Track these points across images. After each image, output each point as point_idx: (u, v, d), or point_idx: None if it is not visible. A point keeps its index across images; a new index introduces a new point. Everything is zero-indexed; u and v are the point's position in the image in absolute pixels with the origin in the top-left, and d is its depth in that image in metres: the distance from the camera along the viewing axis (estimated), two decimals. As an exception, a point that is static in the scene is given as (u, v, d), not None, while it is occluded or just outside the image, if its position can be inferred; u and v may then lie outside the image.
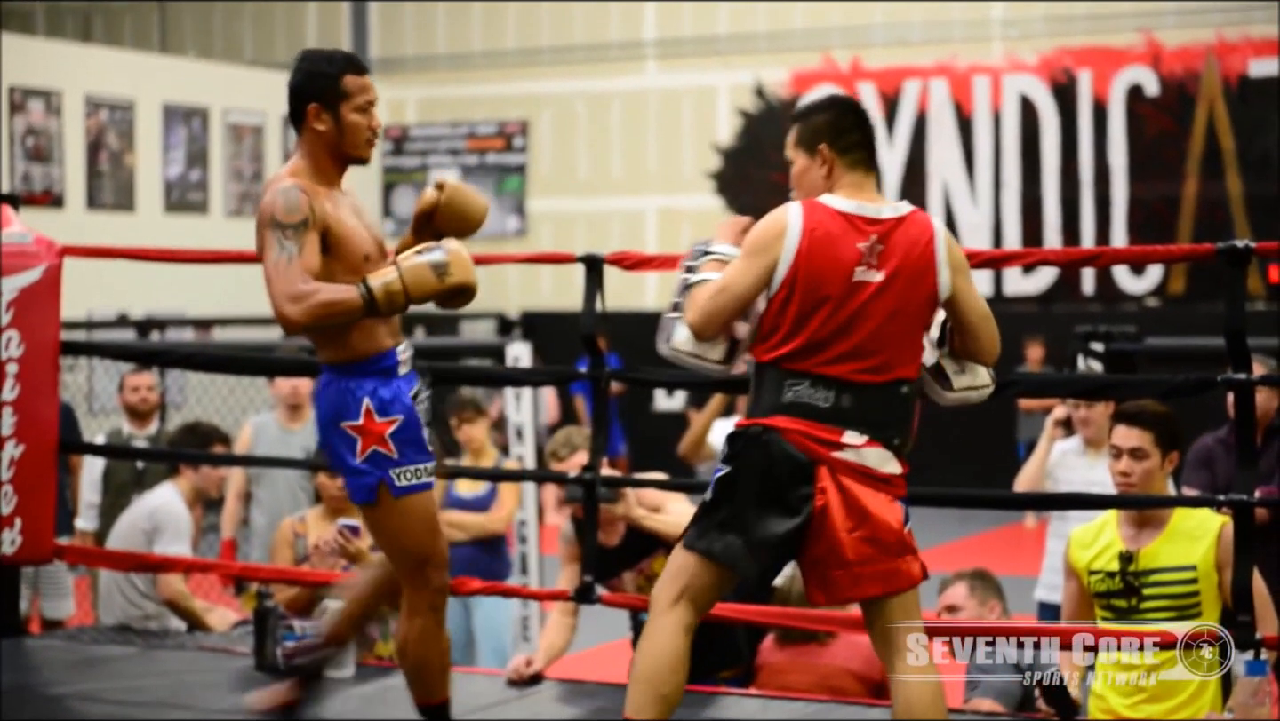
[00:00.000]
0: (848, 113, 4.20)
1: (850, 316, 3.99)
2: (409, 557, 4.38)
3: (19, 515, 5.84)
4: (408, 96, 20.30)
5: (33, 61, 16.27)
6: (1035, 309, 17.41)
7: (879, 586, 4.02)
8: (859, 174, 4.14)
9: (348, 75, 4.31)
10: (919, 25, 18.19)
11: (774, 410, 4.00)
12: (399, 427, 4.29)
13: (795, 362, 4.00)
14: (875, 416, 4.03)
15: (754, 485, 3.99)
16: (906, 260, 4.04)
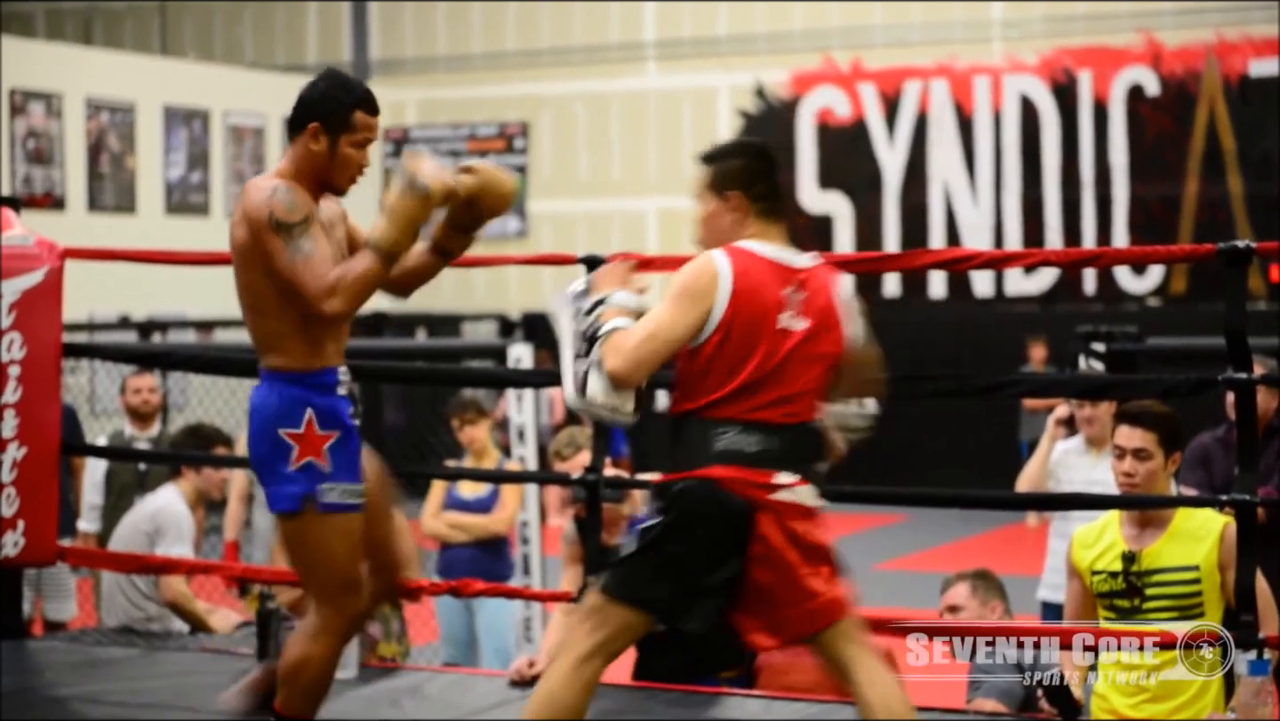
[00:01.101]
0: (759, 160, 4.17)
1: (779, 363, 3.99)
2: (328, 579, 4.29)
3: (21, 517, 5.84)
4: (408, 98, 20.31)
5: (33, 64, 16.28)
6: (1036, 309, 17.42)
7: (827, 618, 4.04)
8: (768, 221, 4.12)
9: (359, 111, 4.29)
10: (919, 26, 18.19)
11: (706, 460, 3.98)
12: (336, 442, 4.25)
13: (721, 410, 3.99)
14: (800, 455, 4.05)
15: (693, 536, 3.97)
16: (823, 309, 4.07)
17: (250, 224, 4.18)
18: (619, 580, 4.03)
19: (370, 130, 4.30)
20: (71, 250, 6.02)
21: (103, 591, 7.27)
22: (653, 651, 5.91)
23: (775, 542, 3.98)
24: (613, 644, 4.03)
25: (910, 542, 14.41)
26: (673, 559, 3.98)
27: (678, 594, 3.99)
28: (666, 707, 5.18)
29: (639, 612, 4.02)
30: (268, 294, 4.23)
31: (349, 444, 4.27)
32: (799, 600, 4.01)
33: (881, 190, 18.18)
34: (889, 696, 4.03)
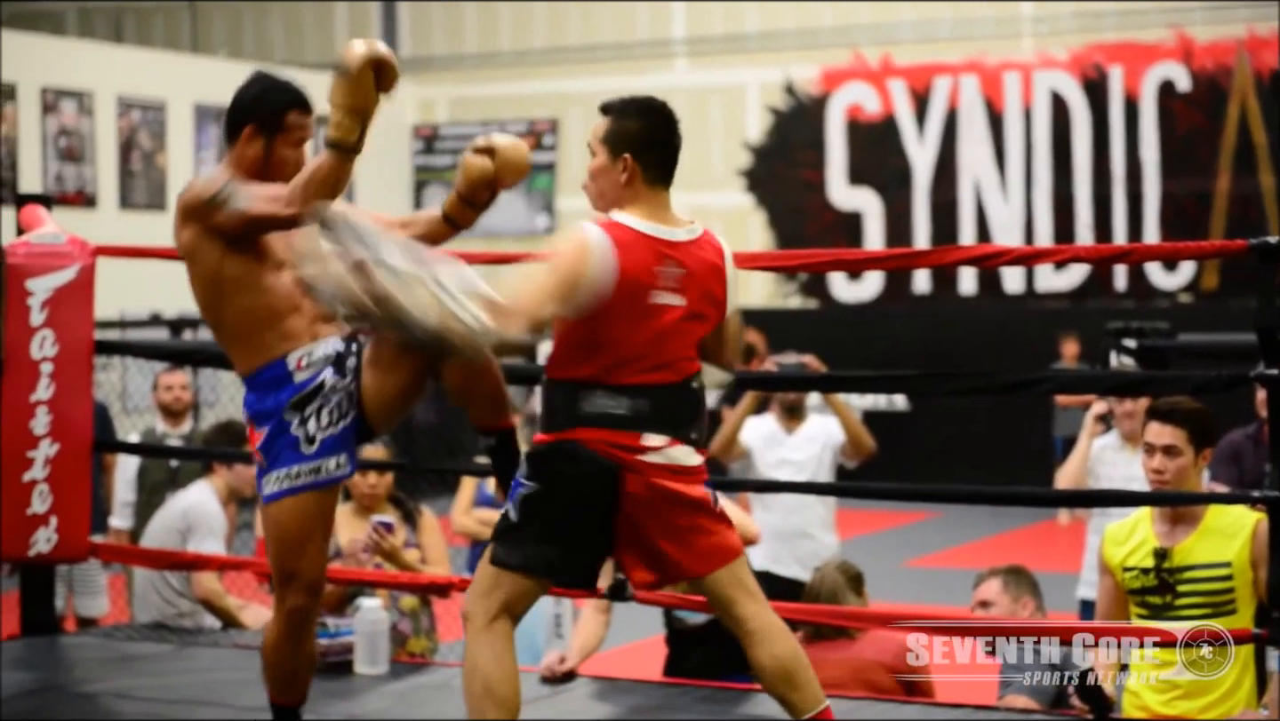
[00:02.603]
0: (660, 127, 4.12)
1: (652, 338, 4.01)
2: (272, 565, 4.38)
3: (55, 513, 5.87)
4: (437, 95, 20.34)
5: (65, 62, 16.34)
6: (1067, 305, 17.38)
7: (703, 565, 4.07)
8: (657, 190, 4.10)
9: (293, 111, 4.33)
10: (948, 22, 18.15)
11: (572, 423, 4.01)
12: (265, 441, 4.31)
13: (583, 372, 4.01)
14: (672, 416, 4.05)
15: (563, 497, 4.01)
16: (702, 283, 4.07)
17: (188, 219, 4.28)
18: (501, 547, 4.07)
19: (304, 130, 4.34)
20: (103, 248, 6.04)
21: (135, 587, 7.30)
22: (684, 648, 5.94)
23: (643, 500, 4.01)
24: (513, 607, 4.07)
25: (941, 539, 14.39)
26: (546, 522, 4.02)
27: (557, 554, 4.03)
28: (697, 704, 5.19)
29: (527, 576, 4.04)
30: (214, 301, 4.33)
31: (280, 430, 4.29)
32: (662, 552, 4.05)
33: (911, 186, 18.15)
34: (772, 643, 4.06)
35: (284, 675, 4.49)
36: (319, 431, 4.31)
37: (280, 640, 4.43)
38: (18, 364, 5.82)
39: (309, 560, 4.34)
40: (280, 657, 4.46)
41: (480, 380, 4.32)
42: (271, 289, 4.31)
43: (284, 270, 4.32)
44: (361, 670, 5.56)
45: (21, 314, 5.82)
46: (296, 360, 4.32)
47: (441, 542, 6.40)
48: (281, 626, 4.41)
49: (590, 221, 4.04)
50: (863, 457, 7.41)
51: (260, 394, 4.33)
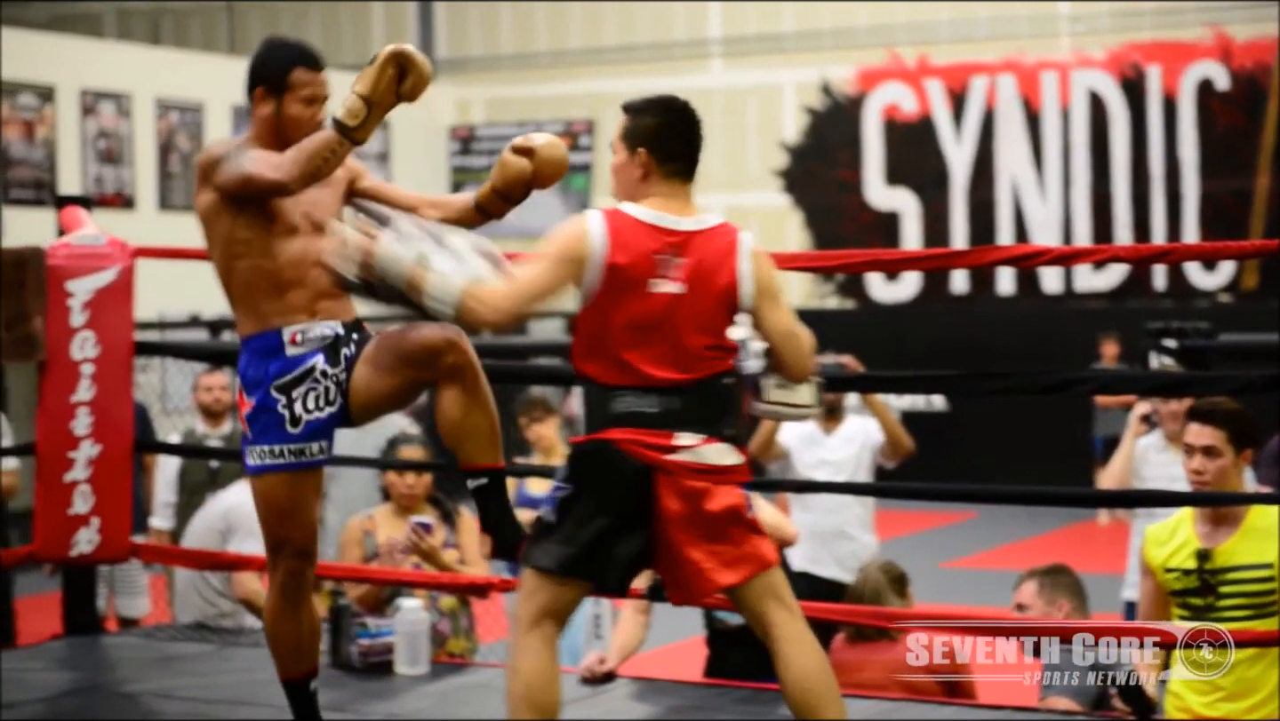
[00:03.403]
0: (676, 122, 4.18)
1: (650, 327, 4.00)
2: (264, 534, 4.47)
3: (96, 514, 5.90)
4: (474, 96, 20.37)
5: (103, 65, 16.42)
6: (1106, 305, 17.33)
7: (730, 577, 4.04)
8: (675, 184, 4.13)
9: (298, 68, 4.37)
10: (986, 21, 18.11)
11: (606, 423, 4.02)
12: (252, 412, 4.36)
13: (618, 375, 4.01)
14: (704, 414, 4.04)
15: (596, 499, 4.01)
16: (705, 271, 4.04)
17: (202, 182, 4.35)
18: (534, 549, 4.07)
19: (314, 85, 4.38)
20: (143, 249, 6.06)
21: (176, 588, 7.32)
22: (725, 648, 5.93)
23: (674, 504, 3.99)
24: (553, 609, 4.05)
25: (980, 540, 14.36)
26: (576, 523, 4.02)
27: (586, 555, 4.01)
28: (737, 705, 5.18)
29: (561, 577, 4.04)
30: (224, 263, 4.38)
31: (267, 408, 4.34)
32: (692, 561, 4.02)
33: (948, 186, 18.11)
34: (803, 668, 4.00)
35: (289, 646, 4.53)
36: (304, 414, 4.36)
37: (279, 609, 4.49)
38: (59, 365, 5.85)
39: (298, 527, 4.43)
40: (282, 628, 4.51)
41: (473, 415, 4.32)
42: (279, 255, 4.35)
43: (295, 238, 4.36)
44: (402, 670, 5.57)
45: (62, 315, 5.84)
46: (291, 334, 4.36)
47: (479, 543, 6.40)
48: (278, 594, 4.47)
49: (593, 210, 4.06)
50: (901, 458, 7.40)
51: (252, 359, 4.38)
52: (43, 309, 5.83)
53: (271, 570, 4.48)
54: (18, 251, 5.89)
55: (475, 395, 4.30)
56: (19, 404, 9.67)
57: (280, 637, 4.53)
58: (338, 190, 4.47)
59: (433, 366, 4.28)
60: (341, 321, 4.43)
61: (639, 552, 4.07)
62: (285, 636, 4.52)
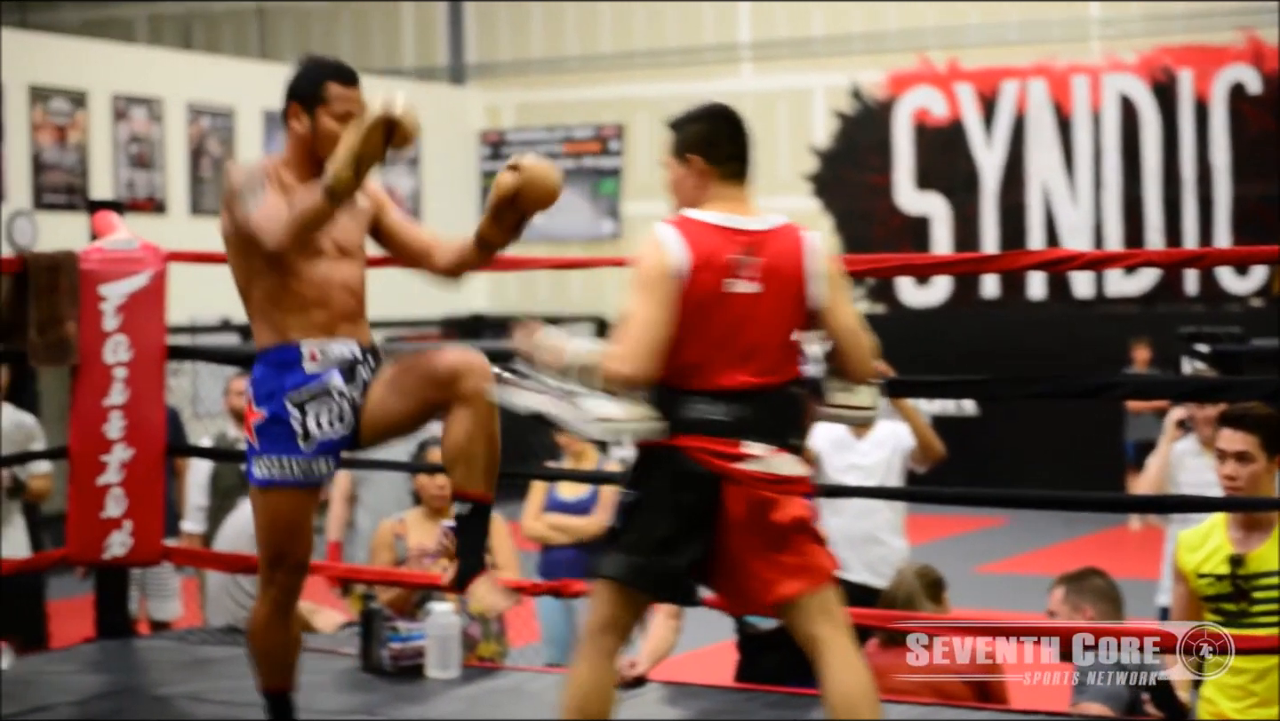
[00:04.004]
0: (722, 124, 4.15)
1: (730, 328, 3.97)
2: (262, 548, 4.48)
3: (129, 517, 5.92)
4: (504, 101, 20.39)
5: (135, 69, 16.47)
6: (1137, 310, 17.27)
7: (790, 588, 4.01)
8: (732, 185, 4.11)
9: (332, 83, 4.38)
10: (1016, 25, 18.08)
11: (675, 429, 3.98)
12: (263, 422, 4.38)
13: (689, 380, 3.98)
14: (773, 423, 4.01)
15: (659, 506, 3.98)
16: (779, 270, 4.02)
17: (224, 206, 4.39)
18: (603, 560, 4.06)
19: (348, 101, 4.38)
20: (175, 253, 6.08)
21: (208, 591, 7.34)
22: (756, 652, 5.92)
23: (740, 514, 3.97)
24: (616, 619, 4.03)
25: (1011, 545, 14.32)
26: (641, 530, 3.99)
27: (649, 564, 3.99)
28: (768, 709, 5.17)
29: (623, 586, 4.02)
30: (243, 277, 4.41)
31: (278, 421, 4.36)
32: (755, 571, 4.00)
33: (979, 191, 18.08)
34: (847, 692, 3.97)
35: (276, 658, 4.57)
36: (317, 432, 4.37)
37: (270, 622, 4.51)
38: (91, 369, 5.87)
39: (300, 541, 4.46)
40: (270, 641, 4.54)
41: (478, 442, 4.33)
42: (303, 276, 4.37)
43: (321, 260, 4.38)
44: (433, 674, 5.57)
45: (95, 319, 5.86)
46: (310, 350, 4.38)
47: (511, 547, 6.41)
48: (270, 607, 4.50)
49: (660, 223, 4.05)
50: (932, 462, 7.38)
51: (268, 370, 4.39)
52: (76, 313, 5.85)
53: (266, 583, 4.49)
54: (51, 256, 5.92)
55: (485, 424, 4.33)
56: (52, 408, 9.72)
57: (270, 650, 4.56)
58: (363, 219, 4.51)
59: (452, 389, 4.30)
60: (359, 343, 4.45)
61: (699, 561, 4.04)
62: (275, 648, 4.56)
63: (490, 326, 18.57)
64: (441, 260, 4.53)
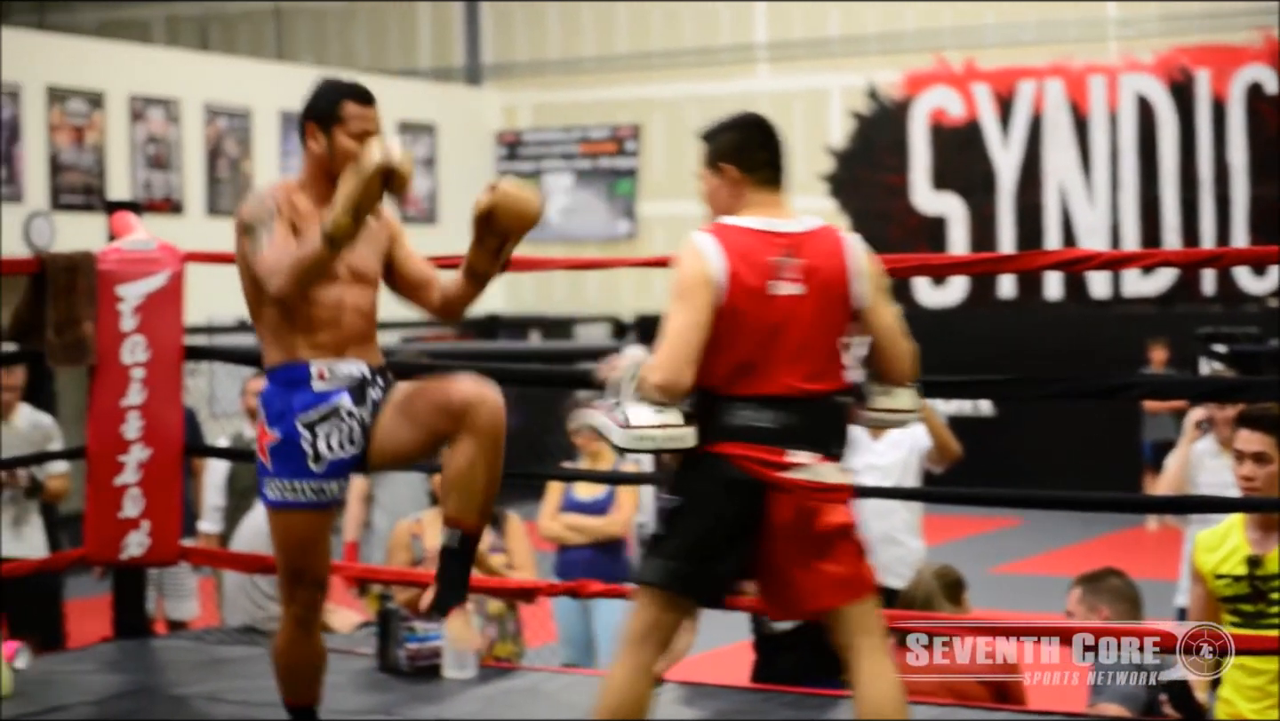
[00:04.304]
0: (753, 131, 4.16)
1: (774, 330, 3.96)
2: (281, 567, 4.51)
3: (146, 517, 5.93)
4: (520, 101, 20.40)
5: (152, 70, 16.50)
6: (1155, 310, 17.24)
7: (835, 598, 4.01)
8: (767, 191, 4.11)
9: (348, 102, 4.41)
10: (1033, 25, 18.05)
11: (720, 436, 3.97)
12: (276, 444, 4.39)
13: (734, 386, 3.97)
14: (818, 432, 4.01)
15: (703, 513, 3.98)
16: (821, 271, 4.02)
17: (236, 231, 4.41)
18: (646, 566, 4.05)
19: (365, 120, 4.40)
20: (193, 254, 6.09)
21: (225, 591, 7.35)
22: (772, 653, 5.92)
23: (785, 522, 3.96)
24: (657, 627, 4.02)
25: (1027, 546, 14.30)
26: (685, 537, 3.99)
27: (693, 570, 3.98)
28: (785, 709, 5.18)
29: (666, 592, 4.01)
30: (253, 297, 4.43)
31: (290, 443, 4.37)
32: (798, 580, 4.00)
33: (995, 191, 18.06)
34: (883, 696, 3.98)
35: (301, 674, 4.60)
36: (327, 453, 4.39)
37: (294, 639, 4.54)
38: (109, 369, 5.88)
39: (317, 557, 4.49)
40: (295, 657, 4.56)
41: (480, 474, 4.33)
42: (315, 299, 4.39)
43: (334, 285, 4.40)
44: (449, 674, 5.57)
45: (112, 319, 5.87)
46: (319, 369, 4.40)
47: (528, 547, 6.41)
48: (294, 625, 4.52)
49: (697, 231, 4.05)
50: (949, 463, 7.37)
51: (277, 389, 4.41)
52: (93, 313, 5.86)
53: (287, 600, 4.52)
54: (69, 256, 5.93)
55: (490, 458, 4.33)
56: (69, 408, 9.73)
57: (295, 666, 4.59)
58: (379, 246, 4.52)
59: (462, 421, 4.31)
60: (369, 364, 4.46)
61: (741, 568, 4.05)
62: (300, 664, 4.59)
63: (506, 326, 18.57)
64: (437, 295, 4.57)
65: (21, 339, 6.04)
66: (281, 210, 4.36)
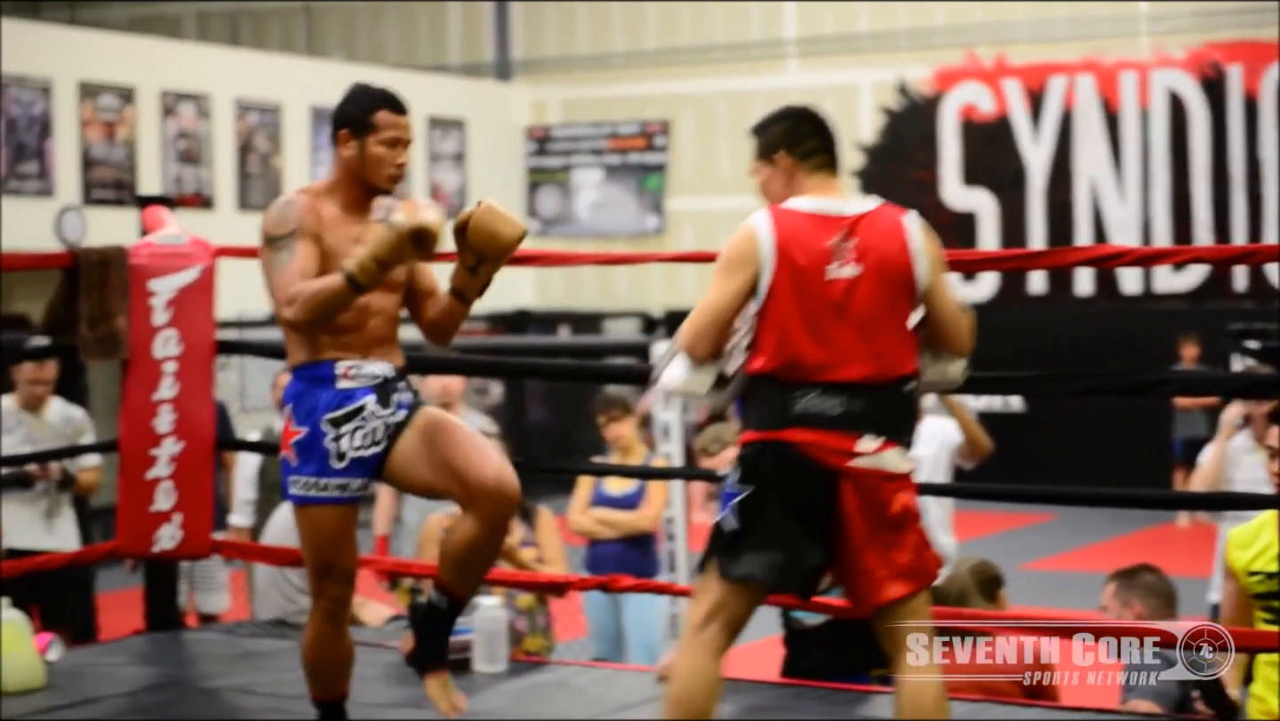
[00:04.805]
0: (803, 120, 4.17)
1: (834, 314, 3.95)
2: (309, 562, 4.55)
3: (178, 511, 5.94)
4: (550, 97, 20.40)
5: (183, 66, 16.54)
6: (1186, 306, 17.19)
7: (899, 589, 3.99)
8: (821, 177, 4.11)
9: (380, 111, 4.44)
10: (1064, 21, 18.01)
11: (785, 423, 3.96)
12: (302, 439, 4.43)
13: (799, 372, 3.96)
14: (885, 418, 3.99)
15: (779, 501, 3.96)
16: (879, 252, 4.00)
17: (260, 236, 4.46)
18: (725, 559, 4.02)
19: (397, 128, 4.45)
20: (224, 248, 6.10)
21: (256, 584, 7.37)
22: (802, 648, 5.91)
23: (855, 510, 3.95)
24: (727, 615, 4.00)
25: (1058, 542, 14.27)
26: (766, 528, 3.97)
27: (781, 561, 3.97)
28: (814, 705, 5.17)
29: (746, 586, 3.99)
30: None
31: (315, 440, 4.42)
32: (868, 570, 3.98)
33: (1026, 187, 18.02)
34: (917, 696, 3.97)
35: (331, 669, 4.63)
36: (350, 450, 4.44)
37: (323, 633, 4.57)
38: (141, 363, 5.90)
39: (345, 552, 4.52)
40: (325, 652, 4.59)
41: (481, 554, 4.44)
42: None
43: None
44: (480, 668, 5.58)
45: (144, 314, 5.89)
46: (345, 368, 4.45)
47: (559, 542, 6.42)
48: (324, 620, 4.55)
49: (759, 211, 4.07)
50: (979, 459, 7.37)
51: (303, 387, 4.45)
52: (125, 308, 5.88)
53: (316, 595, 4.55)
54: (101, 251, 5.95)
55: (494, 543, 4.46)
56: (101, 401, 9.77)
57: (325, 661, 4.62)
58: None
59: (477, 505, 4.39)
60: (393, 365, 4.51)
61: (823, 559, 4.04)
62: (330, 660, 4.62)
63: (536, 321, 18.58)
64: (431, 310, 4.59)
65: (54, 333, 6.06)
66: (304, 226, 4.39)
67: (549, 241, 18.98)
